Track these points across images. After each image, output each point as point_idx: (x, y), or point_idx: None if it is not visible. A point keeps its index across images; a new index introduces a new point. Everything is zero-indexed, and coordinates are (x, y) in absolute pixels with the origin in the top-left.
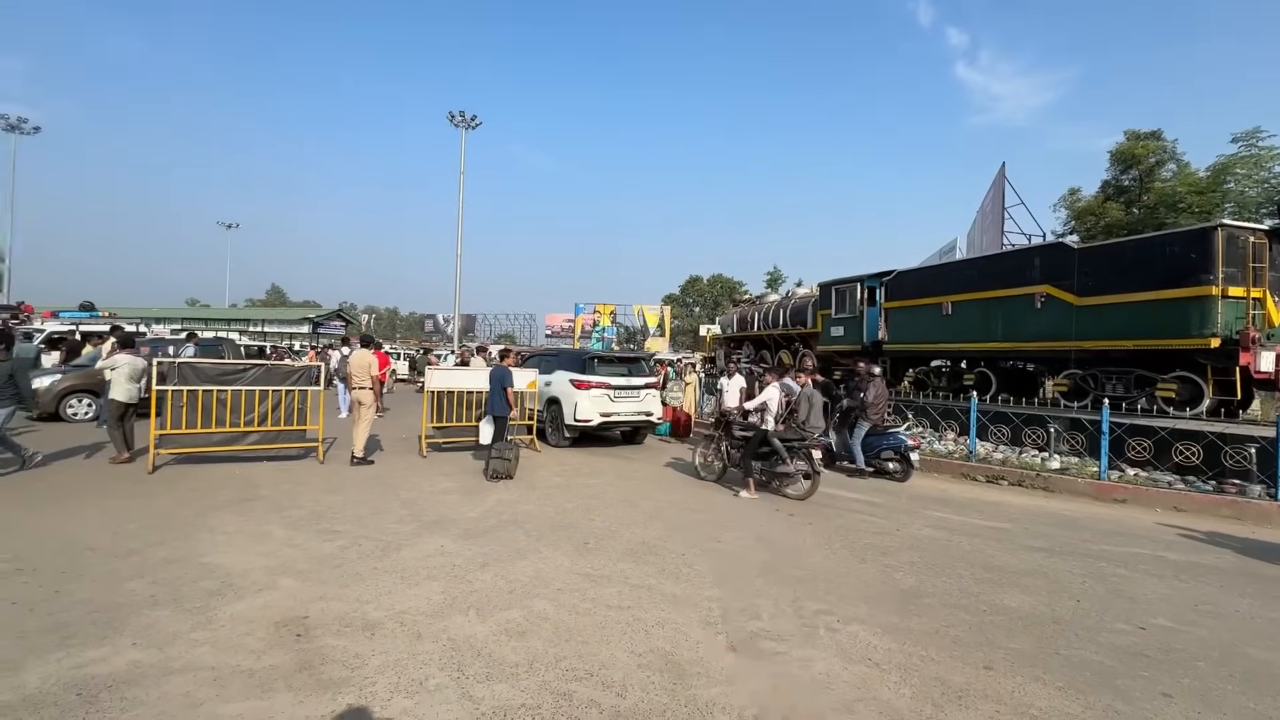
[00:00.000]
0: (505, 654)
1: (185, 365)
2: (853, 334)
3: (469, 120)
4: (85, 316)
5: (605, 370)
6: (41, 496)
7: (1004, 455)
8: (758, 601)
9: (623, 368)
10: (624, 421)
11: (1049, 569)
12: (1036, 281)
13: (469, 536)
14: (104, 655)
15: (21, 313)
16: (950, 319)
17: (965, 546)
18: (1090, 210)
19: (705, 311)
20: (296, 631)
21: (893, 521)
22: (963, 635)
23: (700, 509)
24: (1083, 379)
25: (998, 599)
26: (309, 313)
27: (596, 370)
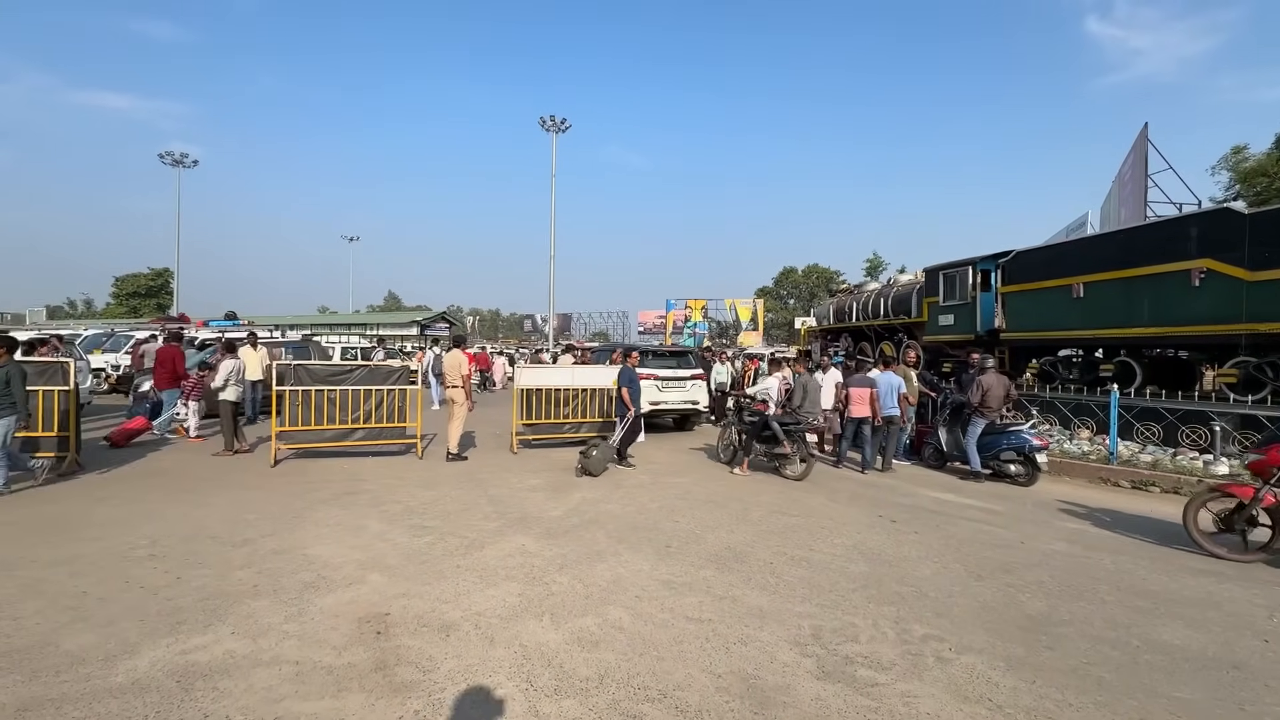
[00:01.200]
0: (576, 665)
1: (300, 368)
2: (964, 322)
3: (559, 124)
4: (229, 325)
5: (654, 364)
6: (181, 487)
7: (1153, 457)
8: (854, 621)
9: (671, 360)
10: (671, 409)
11: (1221, 598)
12: (1194, 255)
13: (550, 536)
14: (206, 643)
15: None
16: (1083, 302)
17: (1108, 565)
18: (1261, 170)
19: (800, 304)
20: (377, 629)
21: (1016, 532)
22: (1109, 677)
23: (793, 513)
24: (1257, 368)
25: (1154, 633)
26: (417, 316)
27: (645, 363)
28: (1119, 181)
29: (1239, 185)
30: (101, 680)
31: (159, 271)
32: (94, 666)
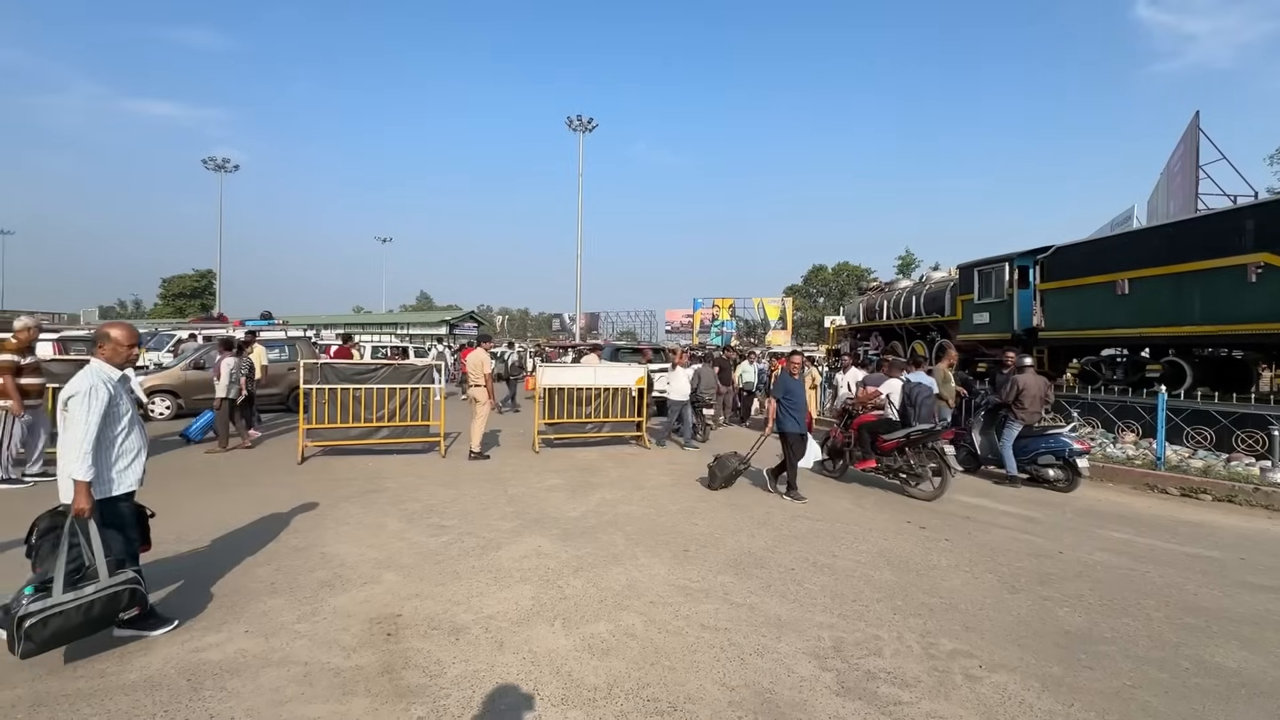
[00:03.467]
0: (585, 674)
1: (327, 366)
2: (1000, 320)
3: (586, 124)
4: (264, 324)
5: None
6: (210, 483)
7: (1204, 463)
8: (878, 633)
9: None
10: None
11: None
12: (1250, 249)
13: (567, 537)
14: (219, 641)
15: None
16: (1128, 299)
17: (1156, 579)
18: None
19: (830, 302)
20: (388, 630)
21: (1054, 541)
22: (1155, 702)
23: (817, 517)
24: None
25: (1206, 654)
26: (447, 315)
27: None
28: (1168, 173)
29: None
30: (116, 677)
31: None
32: (110, 663)
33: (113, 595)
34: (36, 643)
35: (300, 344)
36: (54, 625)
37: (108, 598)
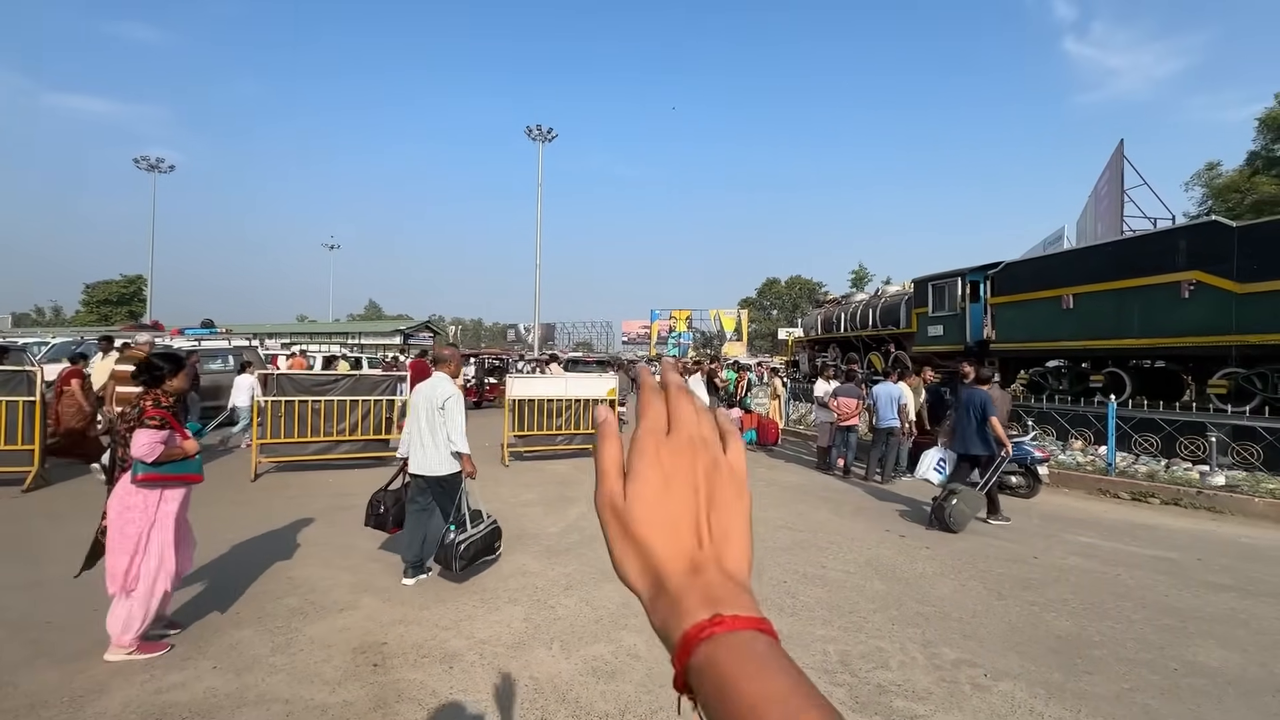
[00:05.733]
0: (593, 700)
1: (284, 377)
2: (953, 333)
3: (545, 134)
4: (206, 333)
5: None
6: None
7: (1149, 468)
8: (881, 645)
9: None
10: None
11: (1249, 615)
12: (1183, 267)
13: (551, 554)
14: (184, 680)
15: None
16: (1072, 313)
17: (1127, 581)
18: (1233, 186)
19: (783, 315)
20: (374, 660)
21: (1027, 546)
22: (1156, 704)
23: (800, 528)
24: (1246, 379)
25: (1189, 653)
26: (400, 325)
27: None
28: (1095, 196)
29: (1212, 200)
30: None
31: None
32: (57, 710)
33: (493, 529)
34: (466, 560)
35: (247, 354)
36: (472, 550)
37: (490, 531)
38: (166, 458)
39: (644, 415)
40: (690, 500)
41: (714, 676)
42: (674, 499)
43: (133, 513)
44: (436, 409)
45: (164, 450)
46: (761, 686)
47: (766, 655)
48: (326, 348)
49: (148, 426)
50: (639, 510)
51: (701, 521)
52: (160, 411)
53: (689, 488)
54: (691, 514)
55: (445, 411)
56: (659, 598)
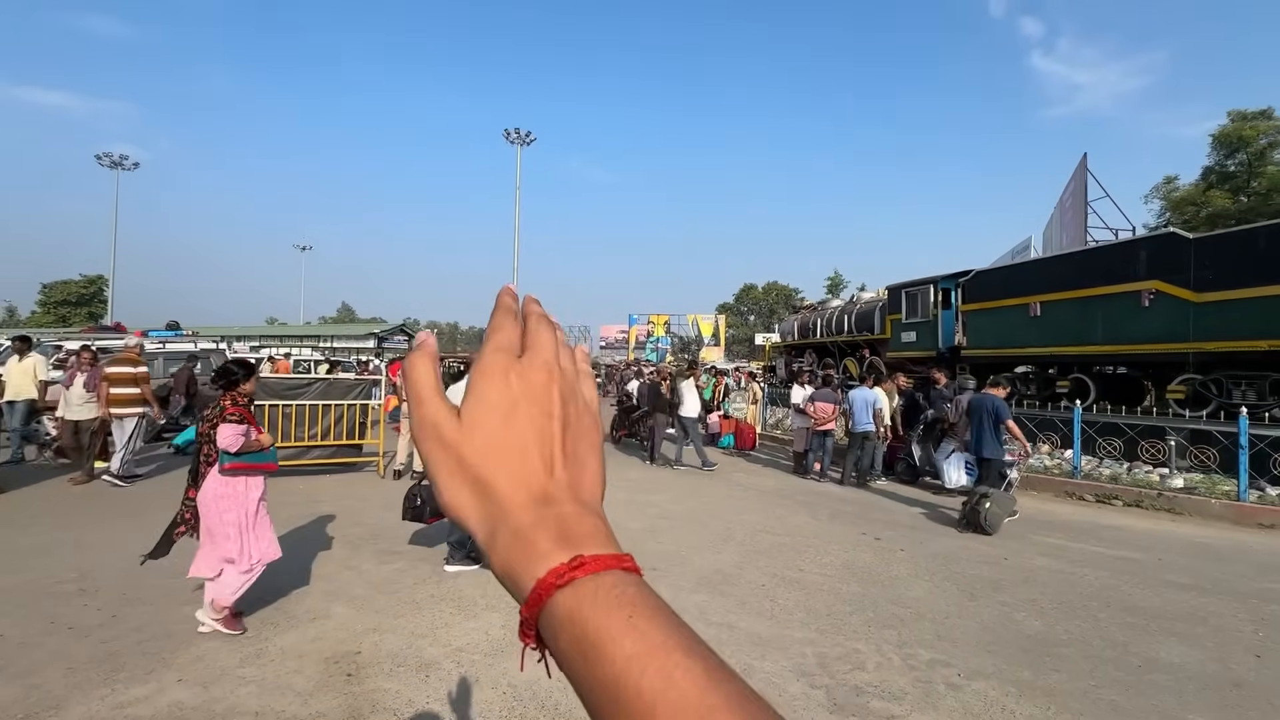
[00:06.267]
0: (573, 707)
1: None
2: (926, 339)
3: (524, 137)
4: (171, 335)
5: None
6: (116, 509)
7: (1112, 471)
8: (858, 646)
9: None
10: None
11: (1206, 612)
12: (1143, 277)
13: None
14: (148, 694)
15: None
16: (1039, 320)
17: (1093, 581)
18: (1190, 199)
19: (760, 320)
20: (347, 670)
21: (998, 548)
22: (1121, 700)
23: (777, 532)
24: (1203, 385)
25: (1152, 651)
26: (374, 328)
27: None
28: (1060, 207)
29: (1170, 213)
30: None
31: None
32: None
33: None
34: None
35: (215, 357)
36: None
37: None
38: (246, 449)
39: (493, 335)
40: (543, 425)
41: (576, 632)
42: (522, 424)
43: (227, 500)
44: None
45: (244, 441)
46: (634, 643)
47: (636, 601)
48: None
49: (229, 422)
50: (479, 438)
51: (555, 448)
52: (238, 409)
53: (542, 413)
54: (544, 440)
55: None
56: (499, 534)
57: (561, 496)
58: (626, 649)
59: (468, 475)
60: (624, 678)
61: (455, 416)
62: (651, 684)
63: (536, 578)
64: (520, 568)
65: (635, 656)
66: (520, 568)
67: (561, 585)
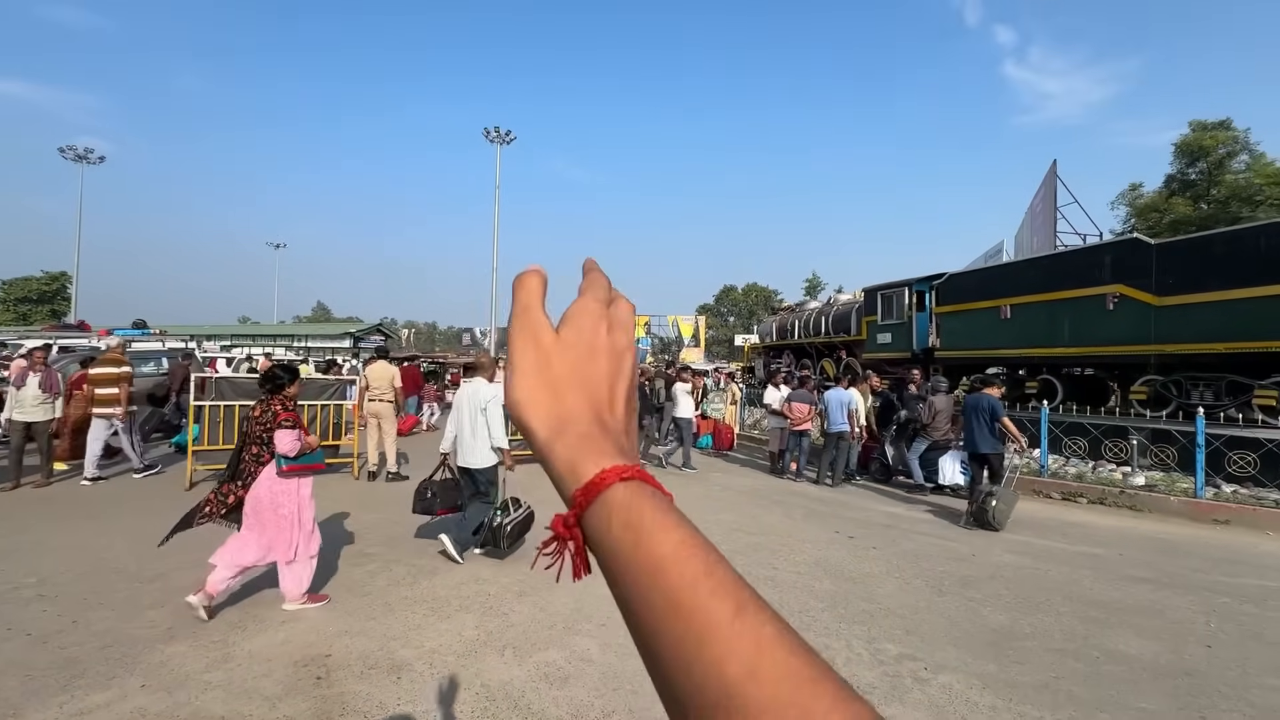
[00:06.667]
0: (545, 706)
1: (223, 381)
2: (901, 341)
3: (504, 136)
4: (138, 334)
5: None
6: (78, 511)
7: (1077, 470)
8: (829, 642)
9: None
10: None
11: (1162, 605)
12: (1107, 281)
13: (504, 561)
14: (109, 700)
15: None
16: (1010, 323)
17: (1056, 576)
18: (1153, 206)
19: (740, 321)
20: (317, 673)
21: (967, 545)
22: (1078, 691)
23: (752, 531)
24: (1163, 386)
25: (1110, 643)
26: (350, 328)
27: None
28: (1031, 212)
29: (1135, 219)
30: None
31: (55, 275)
32: None
33: (529, 515)
34: (511, 539)
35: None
36: (515, 531)
37: (527, 516)
38: (302, 452)
39: (592, 287)
40: (615, 375)
41: (631, 517)
42: (603, 364)
43: (283, 497)
44: (479, 409)
45: (300, 445)
46: (681, 535)
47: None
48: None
49: (285, 428)
50: (571, 356)
51: (620, 396)
52: (290, 414)
53: (618, 366)
54: (614, 386)
55: (487, 412)
56: (567, 432)
57: (618, 430)
58: (675, 537)
59: (549, 379)
60: (673, 557)
61: (553, 330)
62: (695, 568)
63: (602, 468)
64: (586, 459)
65: (683, 543)
66: (586, 459)
67: (625, 478)
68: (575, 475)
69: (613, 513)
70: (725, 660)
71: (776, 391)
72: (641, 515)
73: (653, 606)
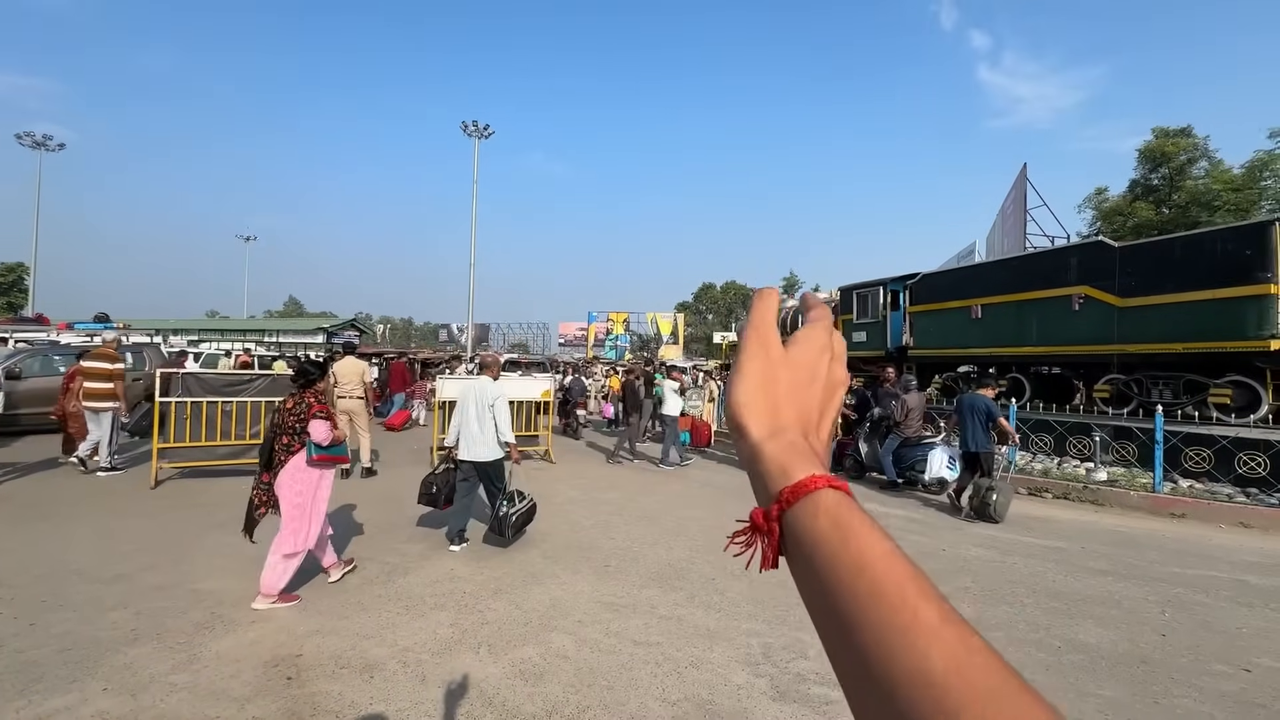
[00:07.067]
0: (520, 702)
1: (189, 376)
2: (876, 339)
3: (482, 130)
4: (99, 328)
5: None
6: (35, 512)
7: (1044, 466)
8: (801, 636)
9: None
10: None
11: (1120, 596)
12: (1074, 282)
13: (480, 558)
14: (70, 704)
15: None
16: (980, 322)
17: (1022, 569)
18: (1118, 210)
19: (718, 319)
20: (287, 674)
21: (937, 540)
22: (1041, 679)
23: (730, 526)
24: (1125, 384)
25: (1071, 633)
26: (324, 323)
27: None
28: (1002, 214)
29: (1100, 222)
30: None
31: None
32: None
33: (533, 506)
34: (516, 529)
35: (148, 351)
36: (519, 520)
37: (530, 508)
38: (334, 442)
39: (821, 319)
40: (827, 403)
41: (840, 518)
42: (818, 391)
43: (302, 486)
44: (486, 406)
45: (332, 436)
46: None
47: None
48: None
49: (319, 418)
50: (793, 374)
51: (827, 422)
52: (322, 407)
53: (829, 396)
54: (823, 412)
55: (495, 409)
56: (779, 438)
57: (819, 449)
58: (882, 544)
59: (771, 390)
60: (881, 558)
61: (783, 347)
62: (903, 570)
63: (812, 473)
64: (796, 462)
65: (892, 551)
66: (796, 462)
67: (835, 486)
68: (785, 475)
69: (822, 511)
70: (932, 655)
71: None
72: (850, 518)
73: (856, 598)
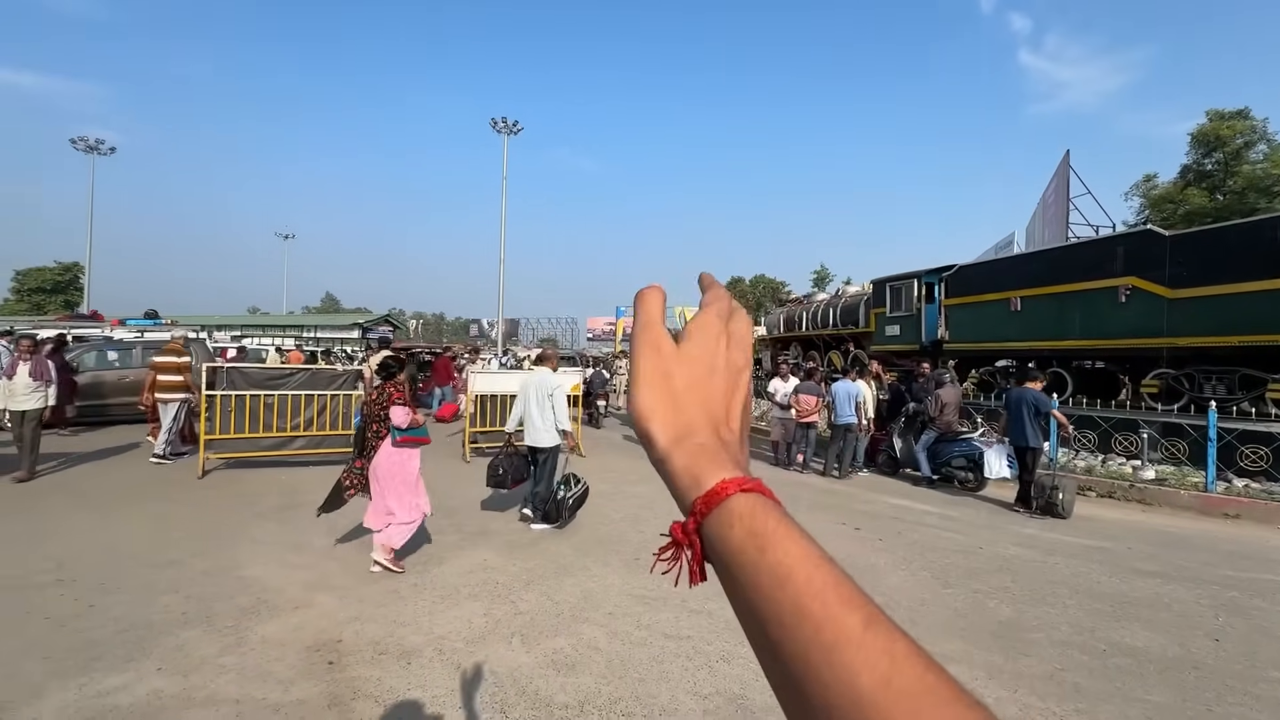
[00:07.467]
0: (553, 692)
1: (234, 370)
2: (910, 333)
3: (511, 126)
4: (150, 324)
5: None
6: (92, 499)
7: (1087, 463)
8: None
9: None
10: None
11: (1170, 598)
12: (1120, 273)
13: (513, 549)
14: (126, 682)
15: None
16: (1020, 315)
17: (1064, 569)
18: (1168, 197)
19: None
20: (329, 658)
21: (974, 538)
22: (1084, 683)
23: None
24: (1175, 379)
25: (1117, 635)
26: (359, 319)
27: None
28: (1043, 203)
29: (1149, 210)
30: None
31: (67, 266)
32: None
33: (586, 490)
34: (571, 513)
35: (195, 346)
36: (574, 505)
37: (584, 491)
38: (413, 425)
39: (714, 302)
40: (732, 390)
41: (755, 525)
42: (721, 380)
43: (396, 465)
44: (546, 396)
45: (411, 419)
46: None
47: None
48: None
49: (399, 405)
50: (690, 370)
51: (735, 411)
52: (400, 394)
53: (734, 382)
54: (730, 400)
55: (554, 398)
56: (686, 441)
57: (734, 444)
58: (800, 547)
59: (669, 390)
60: (800, 566)
61: (673, 342)
62: (823, 578)
63: (723, 478)
64: (706, 469)
65: (809, 554)
66: (706, 469)
67: (746, 490)
68: (696, 484)
69: (736, 520)
70: (858, 670)
71: (781, 383)
72: (765, 524)
73: (779, 613)
